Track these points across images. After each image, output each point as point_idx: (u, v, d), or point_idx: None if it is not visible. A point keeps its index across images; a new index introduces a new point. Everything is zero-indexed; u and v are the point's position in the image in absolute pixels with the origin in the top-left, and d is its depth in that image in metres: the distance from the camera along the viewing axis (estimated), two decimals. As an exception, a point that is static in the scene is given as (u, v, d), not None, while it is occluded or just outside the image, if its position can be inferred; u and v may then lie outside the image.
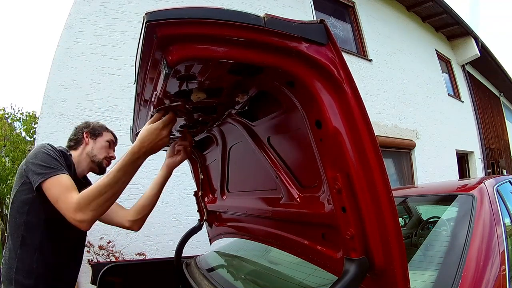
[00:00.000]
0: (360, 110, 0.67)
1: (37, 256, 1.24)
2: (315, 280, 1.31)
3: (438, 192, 1.85)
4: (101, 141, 1.56)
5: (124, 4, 3.71)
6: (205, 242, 2.07)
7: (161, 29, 0.58)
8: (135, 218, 1.48)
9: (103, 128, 1.61)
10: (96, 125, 1.59)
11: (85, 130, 1.55)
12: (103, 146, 1.56)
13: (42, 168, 1.20)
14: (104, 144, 1.57)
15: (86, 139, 1.54)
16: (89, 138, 1.54)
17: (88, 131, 1.55)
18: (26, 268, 1.22)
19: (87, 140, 1.54)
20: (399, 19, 7.28)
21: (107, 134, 1.59)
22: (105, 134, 1.59)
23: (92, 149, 1.53)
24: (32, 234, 1.25)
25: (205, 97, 0.85)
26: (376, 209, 0.68)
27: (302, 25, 0.65)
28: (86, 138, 1.54)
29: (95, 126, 1.58)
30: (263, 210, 1.22)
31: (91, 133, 1.55)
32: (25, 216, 1.25)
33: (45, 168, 1.20)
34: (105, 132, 1.59)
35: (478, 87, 10.02)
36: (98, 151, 1.54)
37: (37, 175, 1.19)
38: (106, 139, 1.58)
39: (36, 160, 1.22)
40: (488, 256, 1.05)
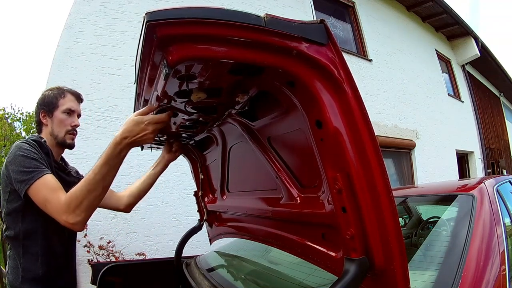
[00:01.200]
0: (360, 110, 0.67)
1: (40, 262, 1.22)
2: (315, 280, 1.31)
3: (438, 192, 1.85)
4: (58, 116, 1.37)
5: (124, 4, 3.71)
6: (205, 242, 2.07)
7: (161, 29, 0.58)
8: (130, 202, 1.55)
9: (58, 94, 1.40)
10: (49, 95, 1.39)
11: (41, 109, 1.38)
12: (61, 120, 1.38)
13: (23, 174, 1.13)
14: (61, 117, 1.38)
15: (43, 120, 1.38)
16: (46, 118, 1.37)
17: (43, 109, 1.38)
18: (31, 276, 1.21)
19: (44, 121, 1.38)
20: (399, 19, 7.28)
21: (63, 102, 1.39)
22: (60, 103, 1.38)
23: (52, 129, 1.37)
24: (32, 241, 1.22)
25: (205, 97, 0.85)
26: (376, 209, 0.68)
27: (302, 25, 0.65)
28: (43, 119, 1.38)
29: (49, 99, 1.39)
30: (263, 210, 1.22)
31: (46, 111, 1.38)
32: (21, 224, 1.21)
33: (26, 174, 1.13)
34: (61, 100, 1.39)
35: (478, 87, 10.02)
36: (57, 129, 1.37)
37: (20, 183, 1.13)
38: (62, 110, 1.38)
39: (16, 167, 1.16)
40: (488, 256, 1.05)
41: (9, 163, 1.19)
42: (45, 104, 1.38)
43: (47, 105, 1.38)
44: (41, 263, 1.23)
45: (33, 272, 1.21)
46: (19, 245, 1.22)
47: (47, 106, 1.38)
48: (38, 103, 1.40)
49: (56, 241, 1.29)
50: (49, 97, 1.39)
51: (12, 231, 1.23)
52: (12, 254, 1.24)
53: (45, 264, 1.24)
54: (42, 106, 1.38)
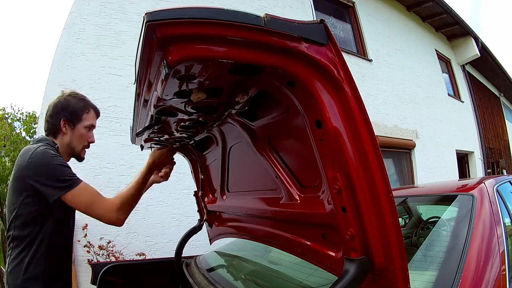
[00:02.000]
0: (360, 110, 0.68)
1: (44, 263, 1.25)
2: (315, 280, 1.31)
3: (438, 192, 1.85)
4: (80, 129, 1.39)
5: (124, 4, 3.71)
6: (205, 242, 2.07)
7: (161, 29, 0.58)
8: None
9: (83, 107, 1.40)
10: (75, 105, 1.38)
11: (63, 117, 1.35)
12: (82, 135, 1.40)
13: (59, 181, 1.18)
14: (82, 132, 1.40)
15: (63, 128, 1.36)
16: (66, 127, 1.37)
17: (66, 118, 1.36)
18: (34, 275, 1.22)
19: (64, 129, 1.37)
20: (399, 19, 7.28)
21: (87, 117, 1.40)
22: (85, 117, 1.40)
23: (71, 141, 1.38)
24: (40, 244, 1.25)
25: (205, 97, 0.85)
26: (376, 209, 0.68)
27: (302, 25, 0.65)
28: (63, 128, 1.36)
29: (74, 109, 1.37)
30: (263, 210, 1.22)
31: (69, 120, 1.36)
32: (32, 227, 1.23)
33: (63, 181, 1.19)
34: (85, 115, 1.40)
35: (478, 87, 10.02)
36: (76, 142, 1.39)
37: (54, 189, 1.18)
38: (85, 125, 1.40)
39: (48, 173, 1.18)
40: (488, 256, 1.05)
41: (37, 168, 1.19)
42: (68, 113, 1.37)
43: (71, 115, 1.37)
44: (46, 264, 1.25)
45: (36, 272, 1.23)
46: (26, 246, 1.23)
47: (71, 116, 1.37)
48: (59, 107, 1.36)
49: (61, 244, 1.33)
50: (74, 108, 1.38)
51: (20, 232, 1.23)
52: (15, 253, 1.24)
53: (49, 265, 1.27)
54: (65, 113, 1.36)
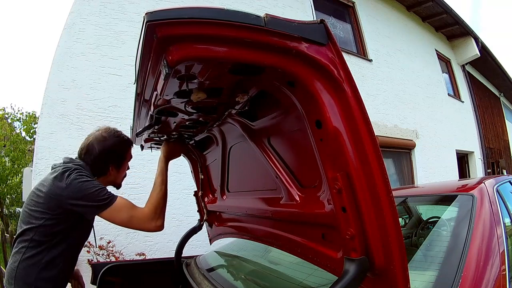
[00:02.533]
0: (360, 110, 0.67)
1: (59, 267, 1.31)
2: (315, 280, 1.31)
3: (438, 192, 1.85)
4: (124, 168, 1.50)
5: (124, 4, 3.71)
6: (205, 242, 2.07)
7: (161, 29, 0.58)
8: None
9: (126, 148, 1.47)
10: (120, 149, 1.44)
11: (111, 163, 1.42)
12: (124, 169, 1.51)
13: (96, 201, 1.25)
14: (126, 166, 1.51)
15: (111, 171, 1.44)
16: (114, 170, 1.45)
17: (114, 163, 1.44)
18: (47, 277, 1.28)
19: (112, 172, 1.45)
20: (399, 19, 7.28)
21: (129, 155, 1.50)
22: (127, 156, 1.49)
23: (115, 179, 1.48)
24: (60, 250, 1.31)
25: (205, 97, 0.85)
26: (376, 209, 0.68)
27: (302, 25, 0.65)
28: (111, 171, 1.44)
29: (121, 153, 1.44)
30: (263, 210, 1.22)
31: (116, 165, 1.45)
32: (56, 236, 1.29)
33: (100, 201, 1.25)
34: (127, 154, 1.49)
35: (478, 87, 10.01)
36: (120, 178, 1.51)
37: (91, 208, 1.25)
38: (127, 161, 1.51)
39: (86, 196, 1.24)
40: (488, 256, 1.05)
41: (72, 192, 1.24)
42: (115, 157, 1.43)
43: (118, 158, 1.45)
44: (61, 268, 1.32)
45: (50, 274, 1.29)
46: (45, 249, 1.28)
47: (118, 159, 1.45)
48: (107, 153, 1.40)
49: (77, 251, 1.44)
50: (120, 151, 1.45)
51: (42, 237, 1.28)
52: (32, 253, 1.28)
53: (63, 269, 1.34)
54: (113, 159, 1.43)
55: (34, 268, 1.26)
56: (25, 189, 3.68)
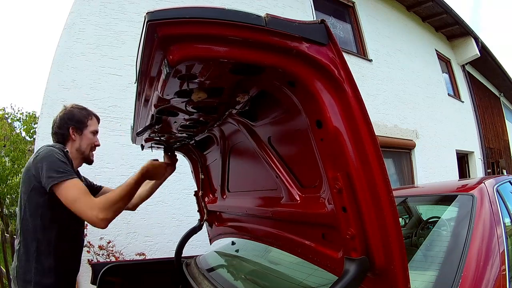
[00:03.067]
0: (361, 110, 0.68)
1: (53, 256, 1.32)
2: (315, 280, 1.31)
3: (438, 192, 1.85)
4: (87, 134, 1.54)
5: (124, 4, 3.70)
6: (205, 242, 2.07)
7: (162, 29, 0.58)
8: (136, 202, 1.69)
9: (87, 115, 1.56)
10: (79, 114, 1.53)
11: (70, 125, 1.50)
12: (89, 139, 1.55)
13: (54, 172, 1.26)
14: (89, 136, 1.55)
15: (72, 135, 1.50)
16: (75, 134, 1.51)
17: (73, 125, 1.50)
18: (45, 268, 1.29)
19: (73, 136, 1.50)
20: (399, 19, 7.28)
21: (91, 123, 1.56)
22: (90, 123, 1.55)
23: (80, 146, 1.52)
24: (48, 235, 1.32)
25: (206, 97, 0.85)
26: (376, 209, 0.68)
27: (303, 25, 0.65)
28: (72, 135, 1.50)
29: (79, 118, 1.52)
30: (263, 210, 1.22)
31: (76, 127, 1.51)
32: (39, 219, 1.31)
33: (57, 172, 1.26)
34: (89, 121, 1.56)
35: (478, 87, 10.01)
36: (85, 146, 1.54)
37: (48, 178, 1.25)
38: (91, 130, 1.55)
39: (48, 164, 1.27)
40: (488, 256, 1.05)
41: (39, 161, 1.30)
42: (75, 121, 1.51)
43: (77, 123, 1.51)
44: (55, 257, 1.33)
45: (47, 264, 1.30)
46: (34, 239, 1.31)
47: (77, 123, 1.51)
48: (66, 118, 1.50)
49: (71, 238, 1.44)
50: (79, 116, 1.53)
51: (28, 226, 1.31)
52: (24, 248, 1.31)
53: (60, 259, 1.35)
54: (72, 122, 1.51)
55: (29, 262, 1.28)
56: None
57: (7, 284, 3.14)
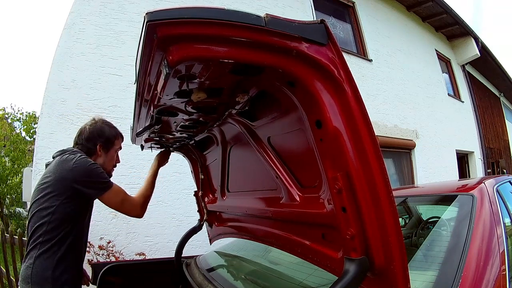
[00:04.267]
0: (360, 110, 0.67)
1: (72, 254, 1.40)
2: (315, 280, 1.31)
3: (438, 192, 1.85)
4: (112, 152, 1.62)
5: (124, 4, 3.70)
6: (205, 242, 2.07)
7: (162, 29, 0.58)
8: None
9: (115, 135, 1.63)
10: (109, 133, 1.60)
11: (99, 142, 1.56)
12: (112, 157, 1.63)
13: (100, 183, 1.42)
14: (114, 154, 1.64)
15: (99, 152, 1.57)
16: (101, 151, 1.57)
17: (102, 143, 1.57)
18: (64, 266, 1.36)
19: (99, 153, 1.57)
20: (399, 19, 7.28)
21: (117, 143, 1.64)
22: (116, 143, 1.63)
23: (104, 162, 1.58)
24: (73, 237, 1.40)
25: (206, 97, 0.85)
26: (376, 209, 0.68)
27: (302, 25, 0.65)
28: (99, 152, 1.57)
29: (108, 136, 1.59)
30: (263, 210, 1.22)
31: (104, 146, 1.58)
32: (68, 223, 1.38)
33: (102, 183, 1.43)
34: (116, 141, 1.63)
35: (478, 87, 10.01)
36: (108, 164, 1.61)
37: (97, 189, 1.42)
38: (116, 149, 1.64)
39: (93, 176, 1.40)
40: (488, 256, 1.05)
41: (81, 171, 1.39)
42: (104, 138, 1.59)
43: (106, 141, 1.59)
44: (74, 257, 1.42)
45: (67, 264, 1.37)
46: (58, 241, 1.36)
47: (106, 142, 1.59)
48: (96, 134, 1.57)
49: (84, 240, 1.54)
50: (108, 135, 1.60)
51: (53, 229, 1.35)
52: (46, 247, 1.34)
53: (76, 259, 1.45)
54: (101, 139, 1.58)
55: (50, 260, 1.33)
56: (25, 189, 3.68)
57: (7, 284, 3.14)
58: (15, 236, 2.94)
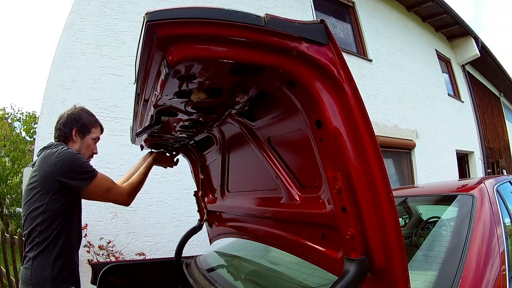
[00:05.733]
0: (360, 110, 0.67)
1: (68, 251, 1.40)
2: (315, 280, 1.31)
3: (438, 192, 1.85)
4: (88, 140, 1.57)
5: (124, 4, 3.70)
6: (205, 242, 2.07)
7: (162, 29, 0.58)
8: None
9: (92, 122, 1.59)
10: (86, 119, 1.56)
11: (75, 126, 1.53)
12: (89, 145, 1.58)
13: (84, 173, 1.39)
14: (90, 142, 1.58)
15: (74, 137, 1.53)
16: (77, 136, 1.53)
17: (78, 128, 1.53)
18: (62, 262, 1.37)
19: (75, 138, 1.53)
20: (399, 19, 7.28)
21: (95, 131, 1.60)
22: (93, 130, 1.59)
23: (80, 149, 1.53)
24: (66, 232, 1.40)
25: (205, 97, 0.85)
26: (376, 209, 0.68)
27: (302, 25, 0.65)
28: (74, 136, 1.53)
29: (85, 122, 1.56)
30: (263, 210, 1.22)
31: (80, 131, 1.54)
32: (60, 219, 1.37)
33: (87, 173, 1.40)
34: (93, 128, 1.59)
35: (478, 87, 10.01)
36: (84, 151, 1.55)
37: (81, 180, 1.38)
38: (93, 137, 1.59)
39: (76, 167, 1.38)
40: (488, 256, 1.05)
41: (66, 164, 1.36)
42: (80, 124, 1.55)
43: (82, 126, 1.55)
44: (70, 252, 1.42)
45: (63, 259, 1.38)
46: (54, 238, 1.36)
47: (82, 127, 1.55)
48: (72, 119, 1.54)
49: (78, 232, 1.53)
50: (85, 121, 1.56)
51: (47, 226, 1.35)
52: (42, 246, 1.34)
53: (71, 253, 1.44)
54: (77, 124, 1.54)
55: (48, 259, 1.33)
56: (25, 189, 3.68)
57: (7, 284, 3.14)
58: (15, 236, 2.94)
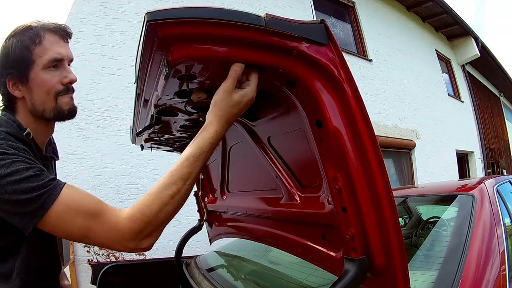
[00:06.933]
0: (361, 110, 0.67)
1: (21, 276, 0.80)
2: (315, 280, 1.31)
3: (438, 192, 1.85)
4: (38, 77, 0.83)
5: (124, 4, 3.71)
6: (205, 242, 2.07)
7: (162, 29, 0.58)
8: None
9: (29, 43, 0.81)
10: (16, 48, 0.81)
11: (6, 76, 0.83)
12: (44, 82, 0.83)
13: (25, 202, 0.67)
14: (44, 77, 0.83)
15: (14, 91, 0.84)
16: (18, 87, 0.84)
17: (11, 74, 0.82)
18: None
19: (17, 92, 0.84)
20: (399, 19, 7.28)
21: (41, 51, 0.82)
22: (37, 53, 0.82)
23: (33, 102, 0.85)
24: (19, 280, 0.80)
25: (206, 97, 0.85)
26: (376, 209, 0.68)
27: (302, 25, 0.65)
28: (13, 91, 0.84)
29: (16, 54, 0.81)
30: (263, 210, 1.22)
31: (16, 75, 0.83)
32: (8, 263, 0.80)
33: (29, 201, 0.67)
34: (36, 49, 0.81)
35: (478, 87, 10.01)
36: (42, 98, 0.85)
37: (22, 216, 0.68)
38: (43, 65, 0.82)
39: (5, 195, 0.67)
40: (488, 257, 1.05)
41: None
42: (11, 64, 0.82)
43: (16, 65, 0.82)
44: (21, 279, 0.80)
45: None
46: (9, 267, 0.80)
47: (16, 67, 0.82)
48: (0, 66, 0.84)
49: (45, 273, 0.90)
50: (15, 51, 0.81)
51: None
52: None
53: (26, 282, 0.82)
54: (8, 68, 0.82)
55: None
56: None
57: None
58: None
